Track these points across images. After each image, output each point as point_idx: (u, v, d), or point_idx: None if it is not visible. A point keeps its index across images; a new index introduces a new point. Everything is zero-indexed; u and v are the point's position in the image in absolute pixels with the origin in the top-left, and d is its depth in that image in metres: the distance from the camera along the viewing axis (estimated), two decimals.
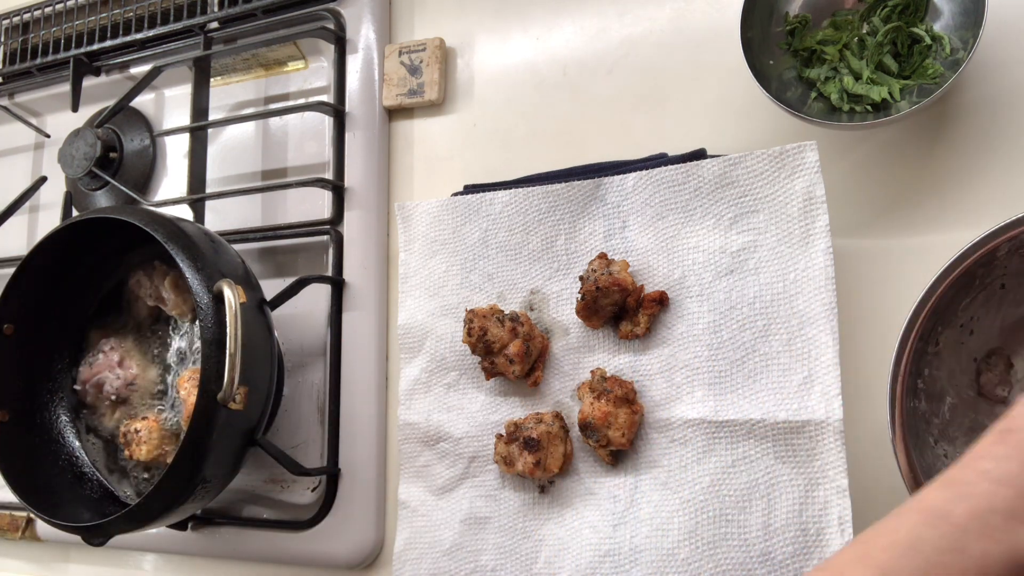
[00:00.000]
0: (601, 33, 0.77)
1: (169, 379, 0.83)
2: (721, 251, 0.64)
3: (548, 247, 0.72)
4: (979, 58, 0.62)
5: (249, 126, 0.93)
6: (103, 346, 0.84)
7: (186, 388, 0.77)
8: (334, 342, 0.80)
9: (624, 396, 0.63)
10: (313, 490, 0.81)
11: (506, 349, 0.67)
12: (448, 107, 0.83)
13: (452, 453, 0.72)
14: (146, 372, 0.83)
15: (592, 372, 0.67)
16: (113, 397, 0.82)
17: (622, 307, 0.66)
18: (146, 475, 0.81)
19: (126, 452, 0.79)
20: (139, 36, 0.97)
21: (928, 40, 0.63)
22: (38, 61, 1.04)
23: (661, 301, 0.66)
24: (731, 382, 0.62)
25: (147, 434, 0.78)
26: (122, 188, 0.93)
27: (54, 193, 1.02)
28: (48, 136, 1.07)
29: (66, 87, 1.00)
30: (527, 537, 0.68)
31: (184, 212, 0.88)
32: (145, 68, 0.97)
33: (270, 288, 0.77)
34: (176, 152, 0.97)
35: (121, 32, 0.99)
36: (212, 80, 0.93)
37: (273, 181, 0.89)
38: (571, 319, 0.70)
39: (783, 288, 0.62)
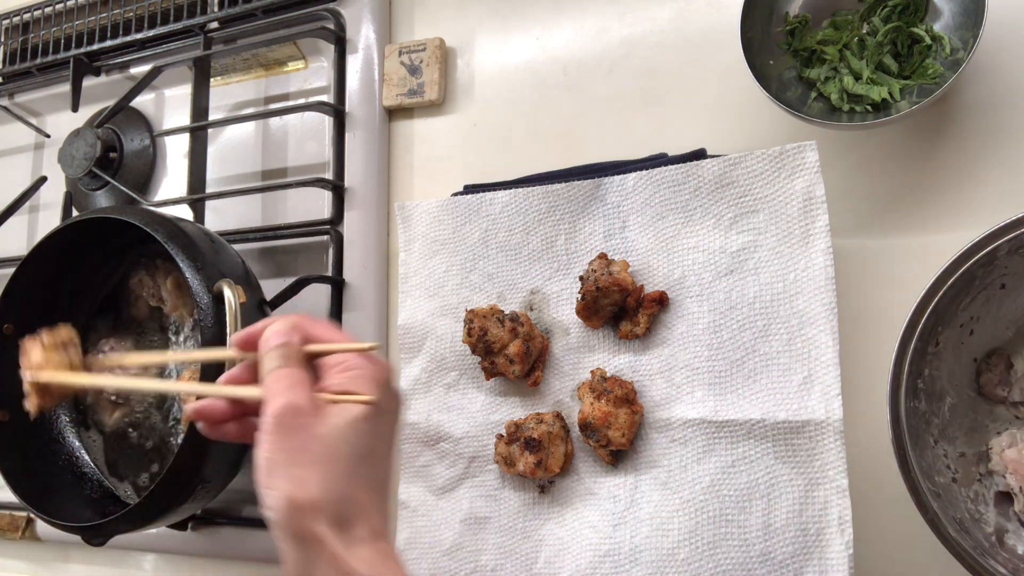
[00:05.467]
0: (601, 33, 0.77)
1: (169, 379, 0.83)
2: (721, 251, 0.64)
3: (548, 247, 0.72)
4: (979, 58, 0.62)
5: (249, 126, 0.93)
6: (103, 346, 0.84)
7: None
8: None
9: (624, 396, 0.63)
10: None
11: (506, 349, 0.67)
12: (448, 107, 0.83)
13: (452, 453, 0.72)
14: (146, 372, 0.83)
15: (592, 372, 0.67)
16: (113, 397, 0.82)
17: (622, 307, 0.66)
18: (146, 475, 0.81)
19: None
20: (139, 36, 0.97)
21: (928, 40, 0.63)
22: (38, 61, 1.04)
23: (661, 301, 0.66)
24: (731, 382, 0.62)
25: None
26: (122, 188, 0.93)
27: (54, 193, 1.02)
28: (48, 136, 1.07)
29: (66, 87, 1.00)
30: (527, 537, 0.68)
31: (184, 212, 0.88)
32: (145, 68, 0.97)
33: (270, 288, 0.77)
34: (176, 152, 0.97)
35: (121, 32, 0.99)
36: (212, 80, 0.93)
37: (273, 181, 0.89)
38: (571, 319, 0.70)
39: (783, 288, 0.62)
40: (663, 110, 0.74)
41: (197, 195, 0.88)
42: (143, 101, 0.99)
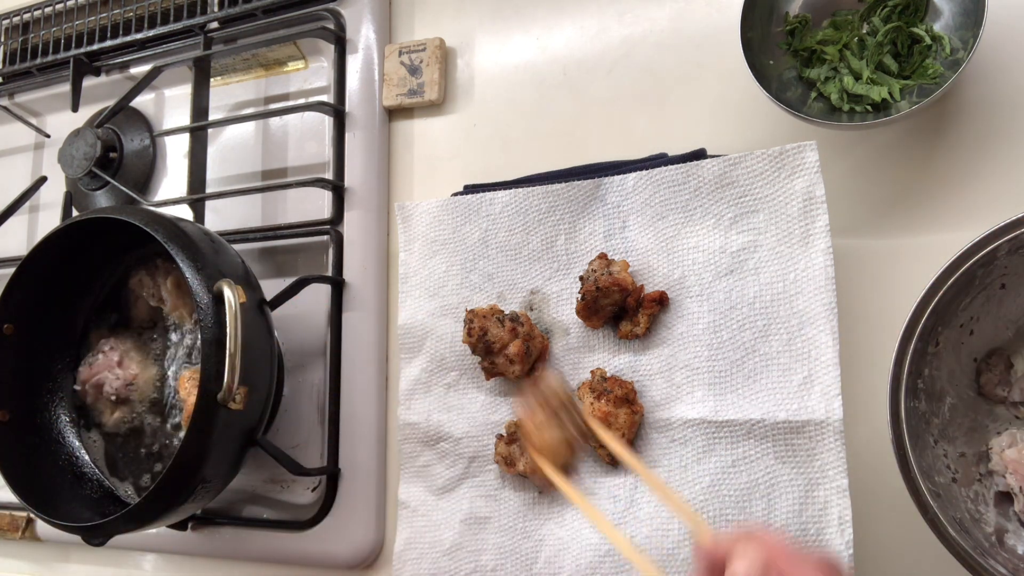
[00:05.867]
0: (601, 33, 0.77)
1: (169, 379, 0.83)
2: (721, 251, 0.64)
3: (548, 247, 0.72)
4: (979, 58, 0.62)
5: (249, 126, 0.93)
6: (103, 346, 0.84)
7: (186, 388, 0.77)
8: (334, 342, 0.80)
9: (624, 396, 0.63)
10: (313, 490, 0.81)
11: (506, 349, 0.67)
12: (448, 107, 0.83)
13: (452, 453, 0.72)
14: (146, 372, 0.83)
15: (592, 372, 0.67)
16: (113, 397, 0.82)
17: (622, 307, 0.66)
18: (147, 476, 0.81)
19: None
20: (139, 36, 0.97)
21: (928, 40, 0.63)
22: (38, 61, 1.04)
23: (661, 301, 0.66)
24: (731, 382, 0.62)
25: None
26: (122, 188, 0.93)
27: (54, 193, 1.02)
28: (48, 136, 1.07)
29: (66, 87, 1.00)
30: (527, 537, 0.68)
31: (184, 212, 0.88)
32: (145, 68, 0.97)
33: (270, 288, 0.77)
34: (176, 152, 0.97)
35: (121, 32, 0.99)
36: (212, 80, 0.93)
37: (273, 181, 0.89)
38: (571, 319, 0.70)
39: (783, 288, 0.62)
40: (663, 110, 0.74)
41: (197, 195, 0.88)
42: (143, 101, 0.99)
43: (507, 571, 0.68)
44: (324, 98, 0.88)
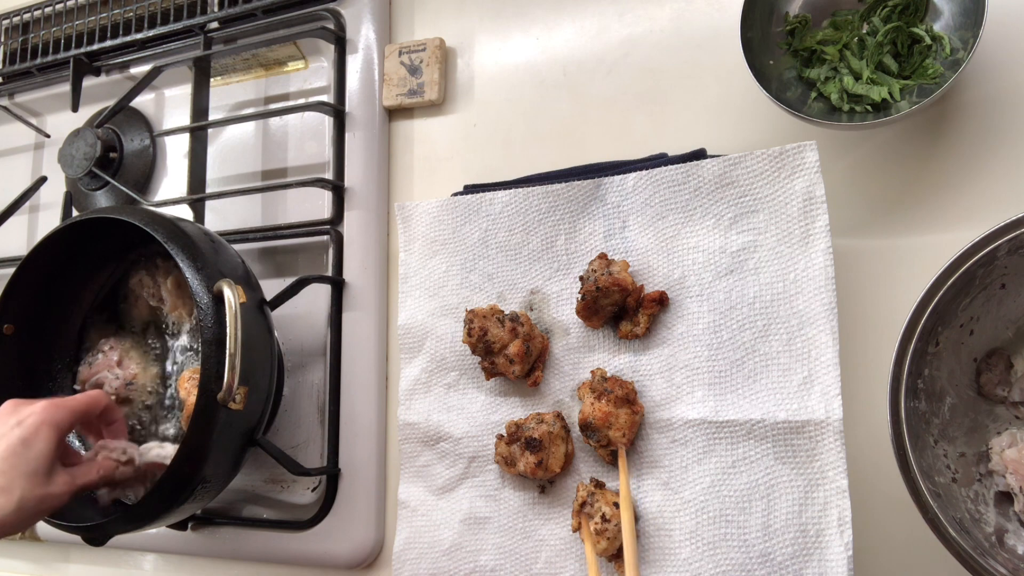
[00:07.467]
0: (601, 33, 0.77)
1: (169, 379, 0.83)
2: (721, 251, 0.65)
3: (548, 247, 0.72)
4: (979, 58, 0.62)
5: (249, 126, 0.93)
6: (103, 346, 0.84)
7: (186, 388, 0.77)
8: (334, 342, 0.80)
9: (624, 396, 0.63)
10: (313, 490, 0.81)
11: (506, 349, 0.67)
12: (448, 107, 0.83)
13: (452, 453, 0.72)
14: (146, 372, 0.83)
15: (592, 372, 0.67)
16: (113, 397, 0.82)
17: (622, 307, 0.66)
18: None
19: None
20: (139, 36, 0.97)
21: (928, 40, 0.63)
22: (38, 61, 1.04)
23: (661, 301, 0.66)
24: (731, 382, 0.62)
25: None
26: (122, 188, 0.93)
27: (54, 193, 1.02)
28: (48, 136, 1.07)
29: (66, 87, 1.00)
30: (527, 537, 0.68)
31: (184, 212, 0.88)
32: (145, 68, 0.97)
33: (270, 288, 0.77)
34: (176, 152, 0.97)
35: (121, 32, 0.99)
36: (212, 80, 0.93)
37: (273, 181, 0.90)
38: (571, 319, 0.70)
39: (783, 288, 0.62)
40: (663, 110, 0.74)
41: (197, 195, 0.88)
42: (143, 101, 0.99)
43: (507, 571, 0.68)
44: (324, 98, 0.88)
